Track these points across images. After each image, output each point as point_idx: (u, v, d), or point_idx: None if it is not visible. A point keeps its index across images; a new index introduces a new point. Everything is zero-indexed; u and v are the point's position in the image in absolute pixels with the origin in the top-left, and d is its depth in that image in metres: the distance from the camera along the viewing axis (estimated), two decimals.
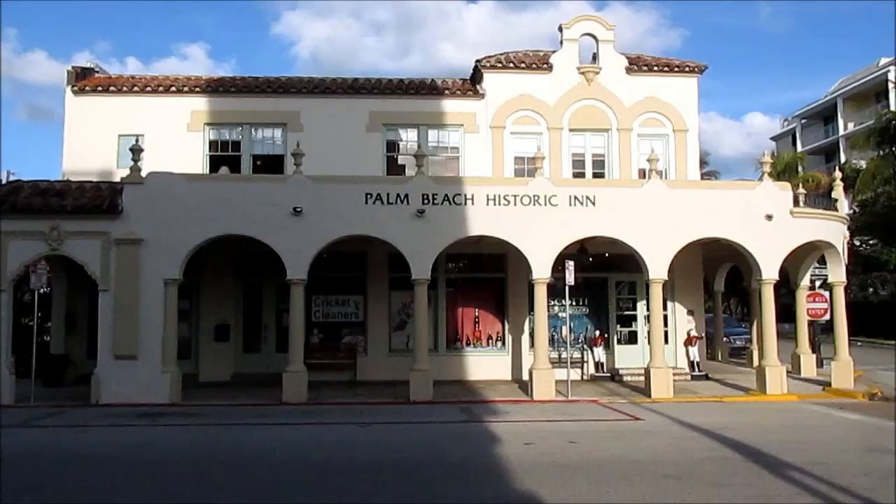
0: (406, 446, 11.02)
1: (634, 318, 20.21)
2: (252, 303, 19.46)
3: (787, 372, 17.21)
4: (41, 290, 15.65)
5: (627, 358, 19.59)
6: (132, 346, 15.21)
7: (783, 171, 38.55)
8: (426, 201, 16.03)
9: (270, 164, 20.09)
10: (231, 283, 19.14)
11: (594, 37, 20.82)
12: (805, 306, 19.96)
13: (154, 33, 76.08)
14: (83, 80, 20.39)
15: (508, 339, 19.57)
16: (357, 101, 20.26)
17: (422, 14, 69.79)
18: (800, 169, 42.47)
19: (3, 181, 16.73)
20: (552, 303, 17.82)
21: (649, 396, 15.85)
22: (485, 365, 19.19)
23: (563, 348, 18.31)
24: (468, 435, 12.05)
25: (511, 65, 20.53)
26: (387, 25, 75.27)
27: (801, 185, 20.94)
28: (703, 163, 28.40)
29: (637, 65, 20.87)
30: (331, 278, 18.77)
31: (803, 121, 59.70)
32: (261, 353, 19.19)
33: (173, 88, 20.17)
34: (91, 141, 19.62)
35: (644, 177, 18.25)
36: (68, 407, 14.82)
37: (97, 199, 15.65)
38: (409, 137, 20.51)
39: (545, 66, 20.56)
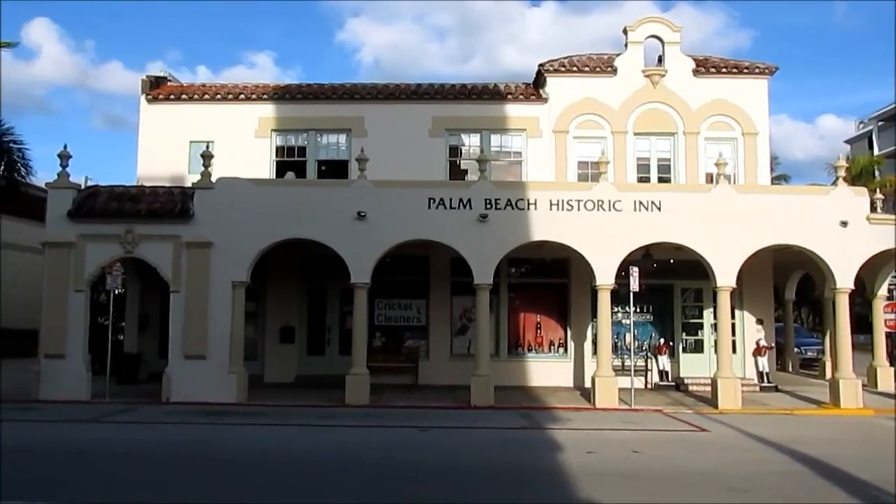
0: (466, 451, 11.01)
1: (700, 326, 19.75)
2: (316, 306, 19.78)
3: (863, 385, 16.54)
4: (116, 292, 16.23)
5: (693, 367, 19.14)
6: (201, 347, 15.63)
7: (859, 175, 37.11)
8: (489, 206, 16.03)
9: (335, 169, 20.40)
10: (296, 286, 19.50)
11: (660, 39, 20.48)
12: (882, 317, 19.19)
13: (223, 42, 78.30)
14: (156, 88, 21.10)
15: (570, 345, 19.38)
16: (420, 107, 20.40)
17: (484, 18, 69.93)
18: (876, 173, 40.80)
19: (82, 186, 17.34)
20: (615, 309, 17.56)
21: (716, 407, 15.45)
22: (546, 371, 19.05)
23: (626, 356, 18.04)
24: (529, 441, 11.98)
25: (574, 68, 20.36)
26: (449, 30, 75.68)
27: (878, 189, 20.15)
28: (773, 167, 27.58)
29: (705, 67, 20.43)
30: (393, 282, 18.92)
31: (880, 123, 57.36)
32: (324, 356, 19.48)
33: (242, 96, 20.70)
34: (164, 147, 20.29)
35: (712, 181, 17.85)
36: (140, 404, 15.34)
37: (169, 204, 16.15)
38: (471, 142, 20.55)
39: (609, 69, 20.31)
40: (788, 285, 23.81)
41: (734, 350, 18.30)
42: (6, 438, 10.75)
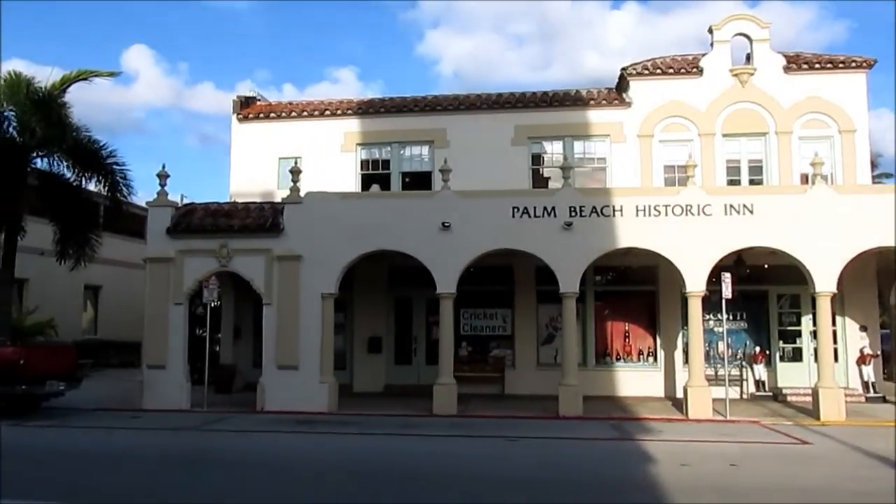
0: (556, 462, 10.90)
1: (798, 333, 18.93)
2: (402, 316, 20.02)
3: None
4: (212, 304, 16.84)
5: (791, 376, 18.37)
6: (293, 357, 16.04)
7: None
8: (573, 213, 15.86)
9: (419, 181, 20.62)
10: (382, 297, 19.79)
11: (747, 36, 19.83)
12: None
13: (308, 60, 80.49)
14: (246, 108, 21.88)
15: (660, 354, 18.93)
16: (502, 116, 20.41)
17: (564, 23, 69.34)
18: None
19: (179, 204, 18.11)
20: (707, 317, 17.06)
21: (818, 419, 14.76)
22: (635, 381, 18.67)
23: (719, 365, 17.49)
24: (620, 453, 11.76)
25: (658, 71, 19.95)
26: (528, 37, 75.43)
27: None
28: (873, 165, 26.21)
29: (796, 63, 19.65)
30: (478, 292, 18.94)
31: None
32: (411, 365, 19.68)
33: (327, 112, 21.21)
34: (254, 164, 21.02)
35: (807, 182, 17.15)
36: (237, 413, 15.85)
37: (261, 219, 16.68)
38: (554, 150, 20.40)
39: (695, 70, 19.81)
40: (894, 290, 22.51)
41: (836, 358, 17.44)
42: (119, 445, 11.32)
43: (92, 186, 19.45)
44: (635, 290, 19.45)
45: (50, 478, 9.31)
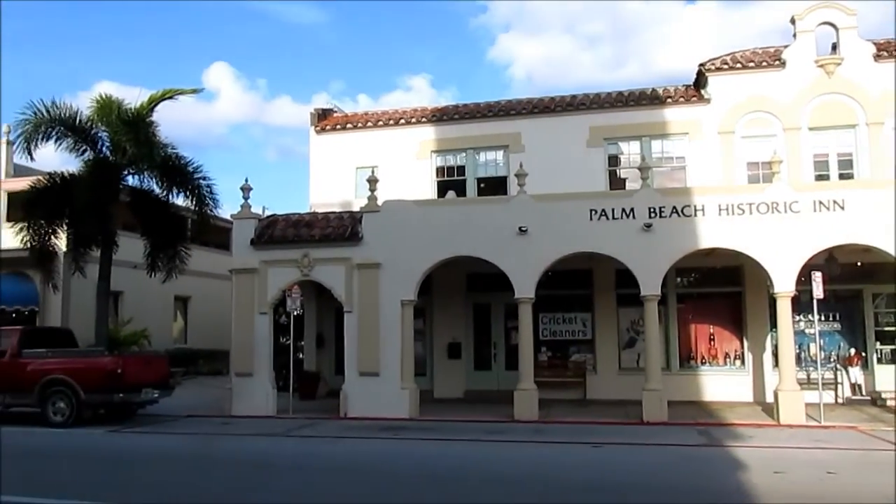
0: (643, 469, 10.68)
1: None
2: (481, 321, 20.02)
3: None
4: (295, 313, 17.24)
5: (891, 379, 17.46)
6: (375, 364, 16.26)
7: None
8: (653, 214, 15.55)
9: (494, 186, 20.62)
10: (461, 303, 19.85)
11: (833, 25, 19.03)
12: None
13: (381, 70, 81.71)
14: (323, 120, 22.37)
15: (748, 357, 18.33)
16: (576, 118, 20.20)
17: (638, 21, 68.12)
18: None
19: (262, 216, 18.63)
20: (797, 318, 16.42)
21: None
22: (722, 385, 18.13)
23: (812, 368, 16.81)
24: (709, 459, 11.43)
25: (738, 65, 19.37)
26: (601, 37, 74.43)
27: None
28: None
29: (887, 50, 18.72)
30: (557, 296, 18.79)
31: None
32: (491, 371, 19.66)
33: (402, 121, 21.46)
34: (332, 174, 21.45)
35: None
36: (321, 419, 16.16)
37: (340, 228, 16.99)
38: (630, 150, 20.06)
39: (777, 62, 19.14)
40: None
41: None
42: (211, 450, 11.71)
43: (180, 201, 20.26)
44: (719, 291, 18.90)
45: (158, 482, 9.69)
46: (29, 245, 19.12)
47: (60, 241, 19.97)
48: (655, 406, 15.04)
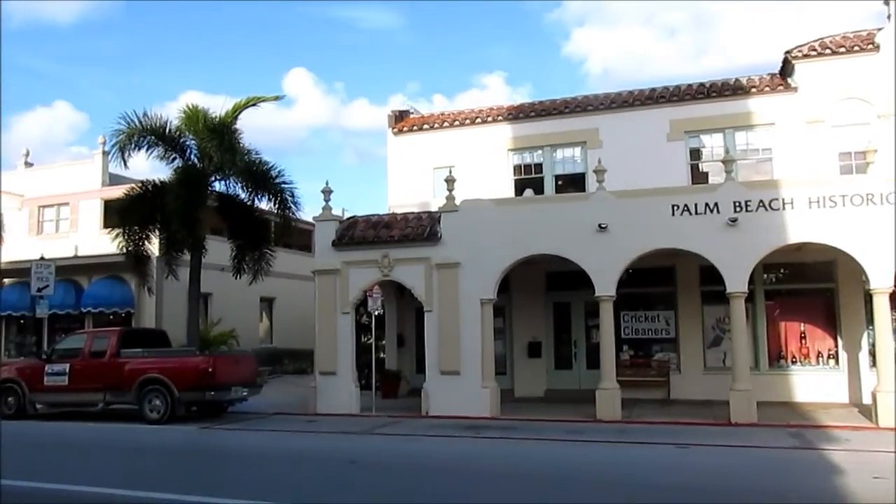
0: (732, 471, 10.37)
1: None
2: (561, 320, 19.86)
3: None
4: (376, 313, 17.51)
5: None
6: (455, 363, 16.35)
7: None
8: (738, 209, 15.08)
9: (572, 183, 20.42)
10: (541, 301, 19.74)
11: None
12: None
13: (456, 69, 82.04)
14: (400, 121, 22.63)
15: (842, 356, 17.55)
16: (656, 111, 19.79)
17: (718, 9, 66.15)
18: None
19: (342, 218, 18.98)
20: None
21: None
22: (814, 385, 17.43)
23: None
24: (801, 463, 11.02)
25: (827, 51, 18.56)
26: (680, 27, 72.64)
27: None
28: None
29: None
30: (639, 294, 18.48)
31: None
32: (571, 370, 19.48)
33: (479, 120, 21.50)
34: (410, 175, 21.67)
35: None
36: (403, 417, 16.36)
37: (419, 228, 17.16)
38: (713, 143, 19.52)
39: (870, 46, 18.24)
40: None
41: None
42: (300, 447, 12.01)
43: (263, 205, 20.91)
44: (811, 287, 18.18)
45: (252, 478, 10.03)
46: (125, 250, 20.09)
47: (153, 246, 20.91)
48: (744, 407, 14.58)
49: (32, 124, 74.57)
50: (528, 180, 20.83)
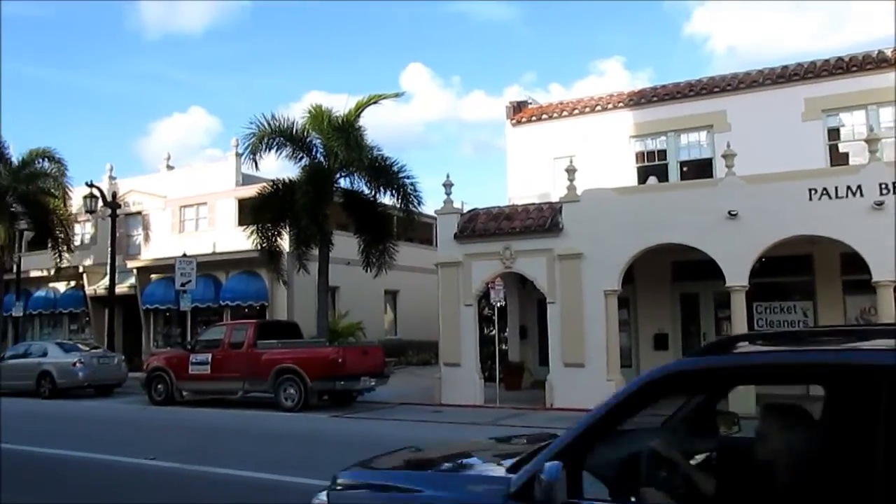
0: None
1: None
2: (689, 311, 19.21)
3: None
4: (499, 304, 17.57)
5: None
6: (579, 355, 16.18)
7: None
8: (885, 191, 14.05)
9: (698, 169, 19.67)
10: (666, 292, 19.16)
11: None
12: None
13: (572, 57, 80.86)
14: (519, 112, 22.53)
15: None
16: (789, 90, 18.71)
17: None
18: None
19: (463, 211, 19.13)
20: None
21: None
22: None
23: None
24: None
25: None
26: (811, 1, 68.33)
27: None
28: None
29: None
30: (773, 284, 17.55)
31: None
32: None
33: (598, 107, 21.10)
34: (529, 166, 21.54)
35: None
36: (527, 409, 16.34)
37: (540, 220, 17.06)
38: (853, 121, 18.26)
39: None
40: None
41: None
42: (429, 437, 12.24)
43: (386, 200, 21.43)
44: None
45: None
46: (258, 246, 21.15)
47: (284, 242, 21.89)
48: None
49: (171, 130, 79.73)
50: (652, 167, 20.24)
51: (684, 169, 20.02)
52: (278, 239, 21.30)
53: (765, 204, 14.91)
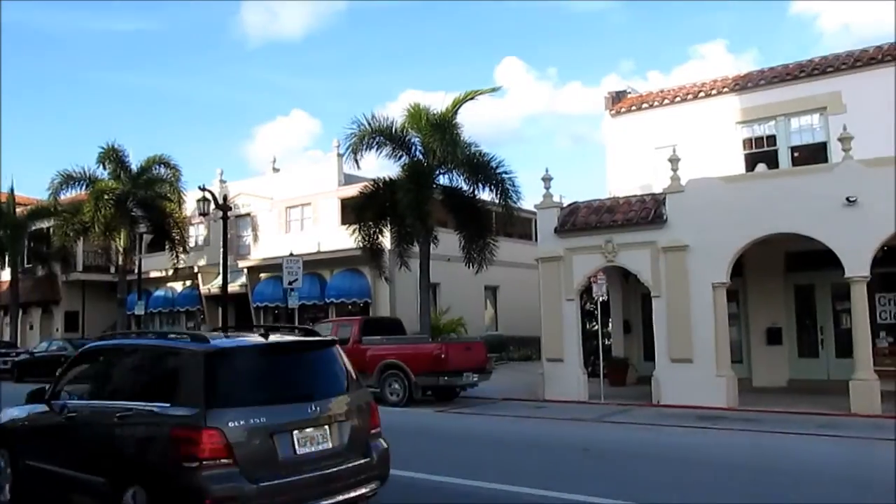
0: None
1: None
2: (803, 303, 18.35)
3: None
4: (601, 299, 17.31)
5: None
6: (686, 350, 15.72)
7: None
8: None
9: (810, 154, 18.73)
10: (779, 284, 18.35)
11: None
12: None
13: (671, 43, 78.47)
14: (618, 102, 22.09)
15: None
16: None
17: None
18: None
19: (563, 205, 18.92)
20: None
21: None
22: None
23: None
24: None
25: None
26: None
27: None
28: None
29: None
30: None
31: None
32: (818, 358, 17.93)
33: (701, 94, 20.41)
34: (630, 157, 21.09)
35: None
36: (632, 406, 16.05)
37: (643, 212, 16.68)
38: None
39: None
40: None
41: None
42: (535, 433, 12.17)
43: (484, 195, 21.46)
44: None
45: (497, 461, 10.41)
46: (361, 244, 21.62)
47: (386, 240, 22.29)
48: None
49: (274, 133, 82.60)
50: (760, 154, 19.40)
51: (795, 154, 19.10)
52: (380, 237, 21.71)
53: (887, 189, 14.02)
